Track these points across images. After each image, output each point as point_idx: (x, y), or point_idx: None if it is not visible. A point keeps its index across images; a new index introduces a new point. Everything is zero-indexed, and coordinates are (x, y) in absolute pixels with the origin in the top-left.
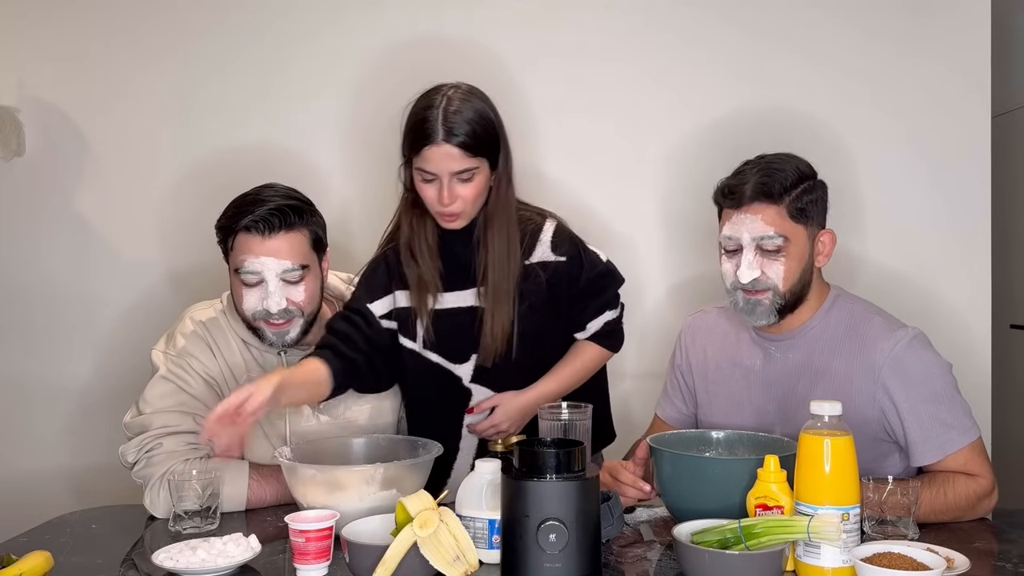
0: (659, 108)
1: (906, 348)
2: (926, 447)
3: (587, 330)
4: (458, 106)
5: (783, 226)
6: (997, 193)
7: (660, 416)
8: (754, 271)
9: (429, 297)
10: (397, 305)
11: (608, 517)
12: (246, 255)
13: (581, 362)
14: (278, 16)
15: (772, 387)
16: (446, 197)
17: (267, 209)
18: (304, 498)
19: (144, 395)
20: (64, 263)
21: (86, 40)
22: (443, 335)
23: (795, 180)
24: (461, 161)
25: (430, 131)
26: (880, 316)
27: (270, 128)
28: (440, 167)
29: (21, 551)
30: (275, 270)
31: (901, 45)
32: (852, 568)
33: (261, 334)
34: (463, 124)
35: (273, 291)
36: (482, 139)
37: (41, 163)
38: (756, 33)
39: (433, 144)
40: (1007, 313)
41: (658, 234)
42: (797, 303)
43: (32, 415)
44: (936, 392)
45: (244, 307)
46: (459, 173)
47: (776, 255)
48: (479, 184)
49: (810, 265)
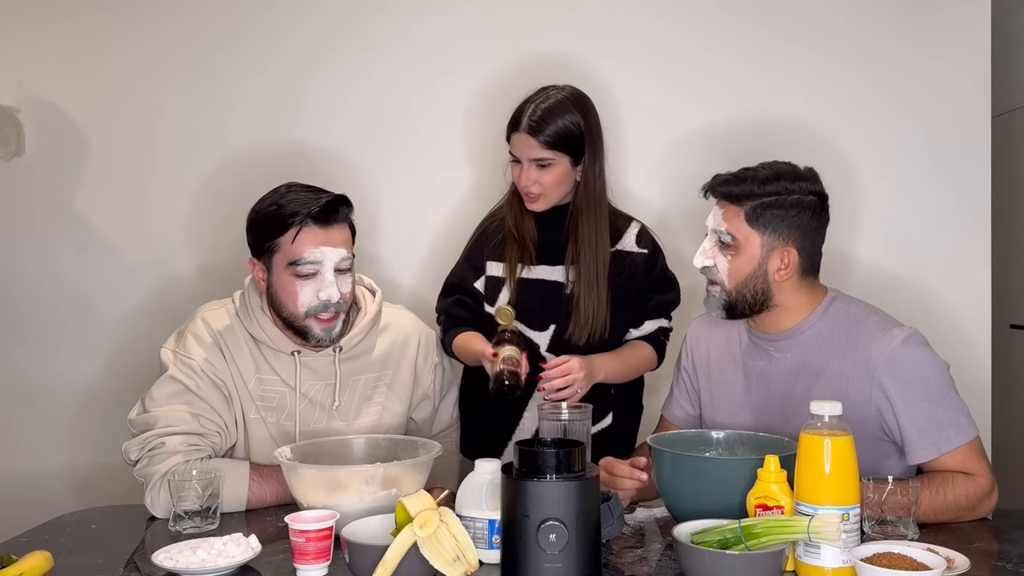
0: (660, 106)
1: (902, 346)
2: (922, 444)
3: (643, 328)
4: (549, 105)
5: (737, 227)
6: (997, 193)
7: (667, 417)
8: (706, 259)
9: (520, 267)
10: (488, 274)
11: (608, 517)
12: (305, 246)
13: (638, 356)
14: (277, 17)
15: (772, 388)
16: (524, 179)
17: (324, 200)
18: (304, 498)
19: (151, 393)
20: (64, 263)
21: (86, 40)
22: (528, 302)
23: (764, 191)
24: (538, 151)
25: (518, 120)
26: (876, 315)
27: (270, 129)
28: (521, 152)
29: (21, 551)
30: (333, 259)
31: (901, 45)
32: (852, 568)
33: (308, 332)
34: (545, 121)
35: (331, 281)
36: (561, 137)
37: (41, 163)
38: (755, 32)
39: (517, 132)
40: (1007, 313)
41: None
42: (755, 309)
43: (32, 415)
44: (932, 391)
45: (299, 303)
46: (537, 160)
47: (726, 250)
48: (557, 174)
49: (763, 274)
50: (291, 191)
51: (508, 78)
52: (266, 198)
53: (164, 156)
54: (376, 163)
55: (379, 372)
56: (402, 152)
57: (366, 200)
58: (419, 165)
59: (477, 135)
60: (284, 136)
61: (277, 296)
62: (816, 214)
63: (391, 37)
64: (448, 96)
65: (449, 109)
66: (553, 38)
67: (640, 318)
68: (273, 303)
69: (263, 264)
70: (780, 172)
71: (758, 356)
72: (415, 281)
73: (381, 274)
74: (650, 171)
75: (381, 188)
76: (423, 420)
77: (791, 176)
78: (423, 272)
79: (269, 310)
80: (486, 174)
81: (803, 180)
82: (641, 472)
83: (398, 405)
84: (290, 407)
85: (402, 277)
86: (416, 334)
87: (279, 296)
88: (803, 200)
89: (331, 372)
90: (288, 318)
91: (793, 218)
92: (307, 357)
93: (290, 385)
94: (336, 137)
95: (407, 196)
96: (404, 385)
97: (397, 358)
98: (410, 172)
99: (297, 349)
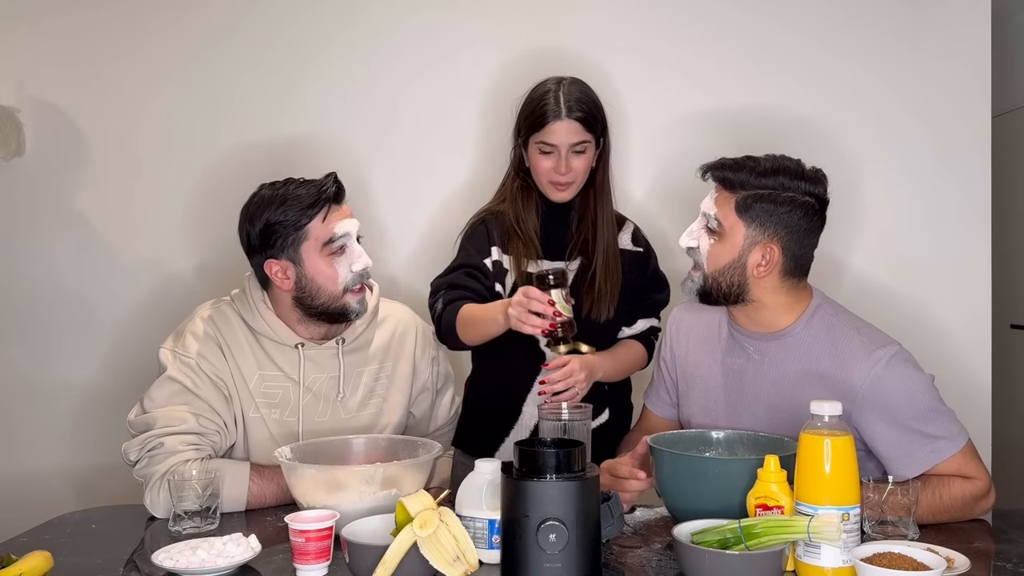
0: (658, 98)
1: (885, 369)
2: (910, 460)
3: (636, 327)
4: (574, 90)
5: (725, 214)
6: (997, 193)
7: (648, 407)
8: (691, 240)
9: (525, 261)
10: (493, 259)
11: (608, 517)
12: (334, 223)
13: (632, 355)
14: (273, 11)
15: (746, 388)
16: (563, 166)
17: (332, 179)
18: (304, 498)
19: (150, 393)
20: (64, 263)
21: (86, 40)
22: None
23: (760, 183)
24: (579, 134)
25: (554, 109)
26: (859, 334)
27: (268, 126)
28: (561, 139)
29: (21, 551)
30: (354, 231)
31: (901, 44)
32: (852, 568)
33: (346, 309)
34: (584, 103)
35: (360, 251)
36: (595, 117)
37: (41, 163)
38: (755, 27)
39: (557, 120)
40: (1007, 313)
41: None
42: (729, 299)
43: (32, 415)
44: (919, 410)
45: (339, 281)
46: (575, 145)
47: (711, 235)
48: (588, 159)
49: (742, 266)
50: (285, 186)
51: (505, 69)
52: (265, 203)
53: (164, 156)
54: (373, 157)
55: (380, 364)
56: (398, 143)
57: (367, 200)
58: (415, 155)
59: (474, 127)
60: (283, 134)
61: (312, 284)
62: (809, 216)
63: (388, 28)
64: (439, 90)
65: (439, 101)
66: (551, 28)
67: (634, 316)
68: (305, 296)
69: (287, 261)
70: (781, 168)
71: (737, 353)
72: (411, 278)
73: (378, 271)
74: (646, 163)
75: (379, 185)
76: (421, 415)
77: (792, 174)
78: (417, 269)
79: (292, 303)
80: (483, 167)
81: (804, 180)
82: (641, 472)
83: (399, 397)
84: (294, 402)
85: (397, 273)
86: (413, 327)
87: (315, 284)
88: (797, 199)
89: (334, 365)
90: (324, 304)
91: (783, 215)
92: (310, 350)
93: (293, 379)
94: (333, 132)
95: (404, 190)
96: (404, 377)
97: (396, 350)
98: (406, 162)
99: (301, 342)
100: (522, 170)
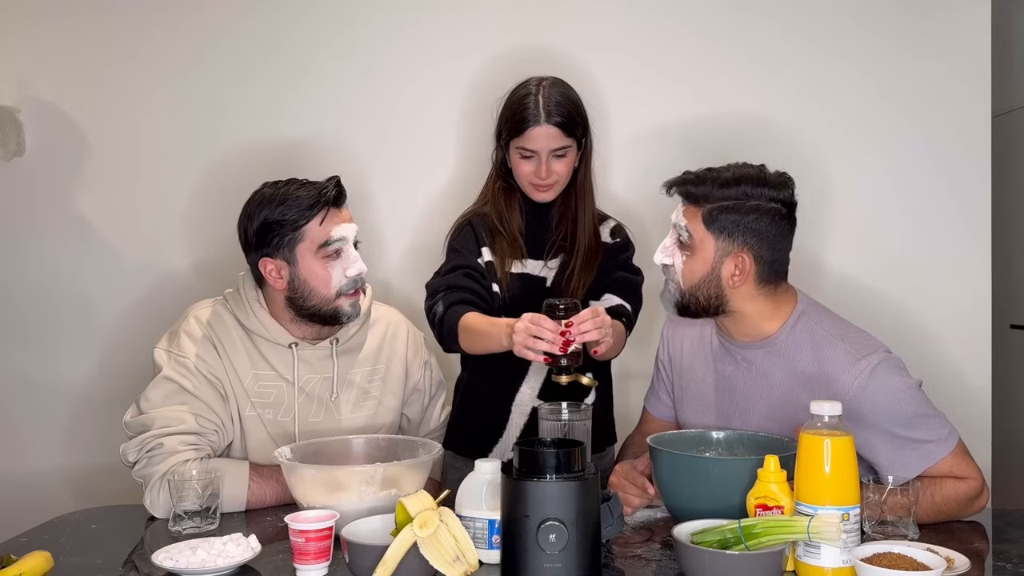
0: (654, 100)
1: (869, 379)
2: (901, 465)
3: (604, 300)
4: (553, 93)
5: (695, 227)
6: (997, 193)
7: (648, 410)
8: (665, 257)
9: (510, 261)
10: (485, 259)
11: (608, 517)
12: (331, 226)
13: (615, 328)
14: (273, 14)
15: (736, 395)
16: (544, 171)
17: (334, 183)
18: (304, 498)
19: (146, 394)
20: (64, 263)
21: (86, 40)
22: (514, 295)
23: (722, 194)
24: (559, 140)
25: (533, 114)
26: (844, 342)
27: (269, 129)
28: (540, 145)
29: (21, 551)
30: (351, 235)
31: (901, 45)
32: (852, 568)
33: (338, 312)
34: (560, 108)
35: (356, 256)
36: (575, 121)
37: (41, 163)
38: (753, 28)
39: (537, 125)
40: (1007, 313)
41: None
42: (708, 311)
43: (32, 415)
44: (905, 417)
45: (332, 284)
46: (556, 150)
47: (683, 249)
48: (570, 161)
49: (716, 279)
50: (287, 186)
51: (495, 69)
52: (264, 201)
53: (164, 156)
54: (370, 159)
55: (373, 366)
56: (394, 147)
57: (365, 199)
58: (410, 159)
59: (462, 129)
60: (281, 134)
61: (305, 286)
62: (776, 221)
63: (380, 32)
64: (436, 91)
65: (438, 104)
66: (539, 29)
67: (600, 291)
68: (297, 297)
69: (282, 260)
70: (743, 176)
71: (726, 360)
72: (401, 282)
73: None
74: (628, 166)
75: (377, 184)
76: (413, 417)
77: (754, 181)
78: (406, 275)
79: (284, 303)
80: (470, 167)
81: (767, 186)
82: (650, 486)
83: (392, 399)
84: (288, 402)
85: (391, 277)
86: (404, 329)
87: (308, 285)
88: (763, 206)
89: (328, 366)
90: (316, 306)
91: (750, 224)
92: (304, 351)
93: (287, 379)
94: (330, 135)
95: (401, 194)
96: (397, 378)
97: (388, 353)
98: (403, 167)
99: (295, 342)
100: (504, 171)
